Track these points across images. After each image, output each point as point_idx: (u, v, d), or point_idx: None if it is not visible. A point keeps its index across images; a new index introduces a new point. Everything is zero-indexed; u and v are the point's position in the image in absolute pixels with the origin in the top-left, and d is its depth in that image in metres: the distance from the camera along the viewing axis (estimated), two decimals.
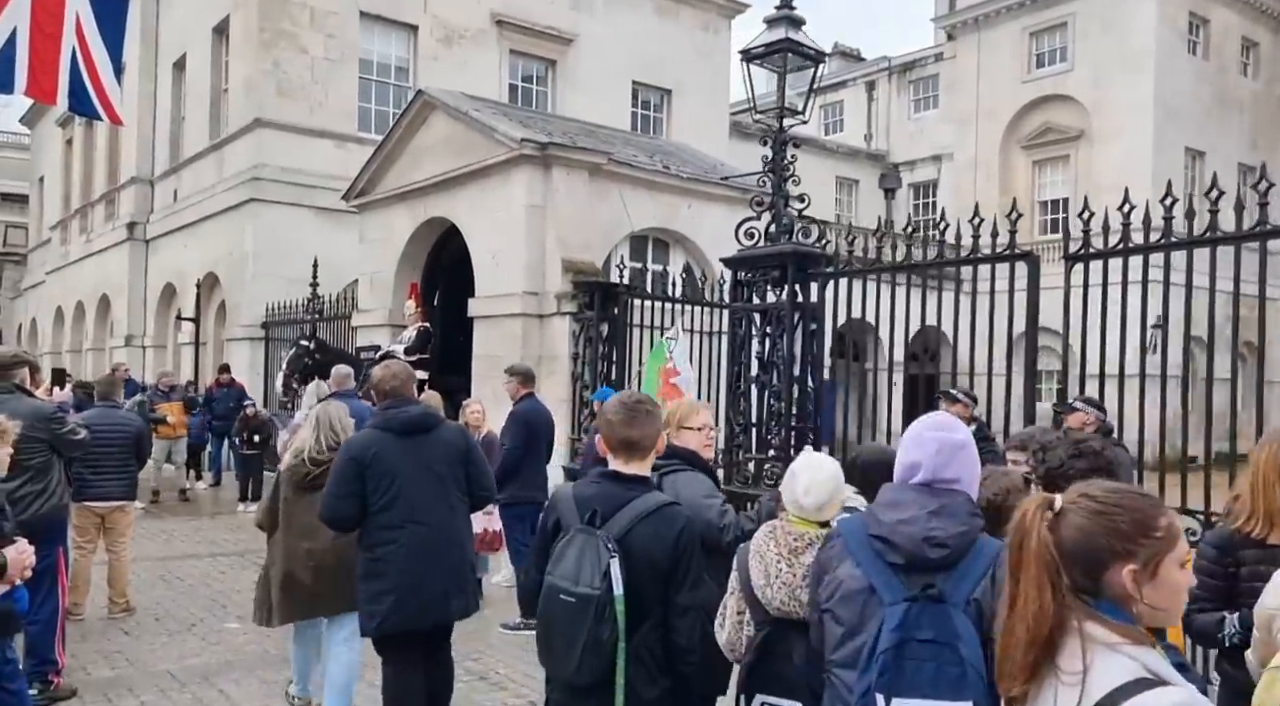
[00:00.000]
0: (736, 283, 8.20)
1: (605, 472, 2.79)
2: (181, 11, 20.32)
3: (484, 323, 11.06)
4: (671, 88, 21.57)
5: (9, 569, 3.09)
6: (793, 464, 2.94)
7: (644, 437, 2.77)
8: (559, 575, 2.62)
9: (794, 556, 2.76)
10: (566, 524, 2.71)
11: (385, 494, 4.05)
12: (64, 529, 5.41)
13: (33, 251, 33.89)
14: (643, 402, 2.84)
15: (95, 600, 6.97)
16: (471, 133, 11.14)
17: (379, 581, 4.05)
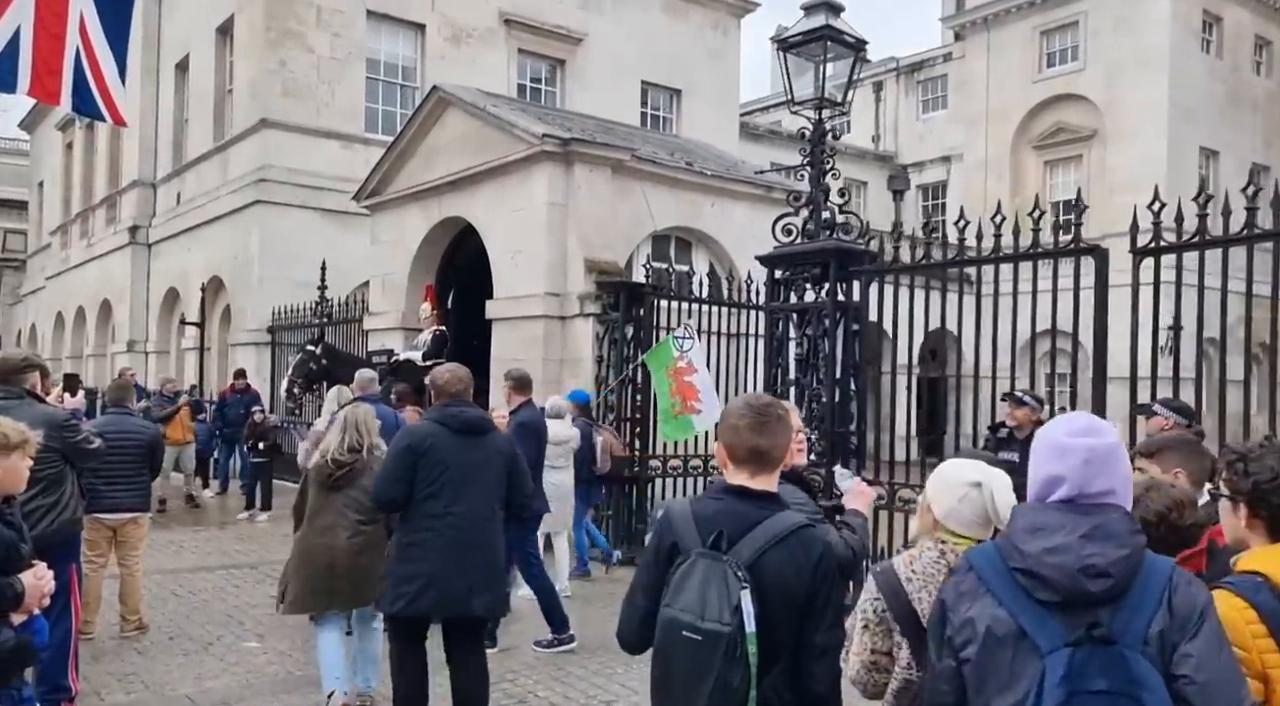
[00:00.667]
0: (773, 281, 7.87)
1: (730, 487, 2.36)
2: (184, 12, 20.00)
3: (503, 325, 10.71)
4: (681, 88, 21.28)
5: (26, 596, 2.74)
6: (959, 472, 2.53)
7: (775, 447, 2.37)
8: (681, 607, 2.20)
9: None
10: (686, 547, 2.29)
11: (433, 483, 4.25)
12: (77, 544, 5.06)
13: (32, 256, 33.54)
14: (773, 406, 2.43)
15: (106, 617, 6.61)
16: (489, 129, 10.81)
17: (411, 565, 4.23)
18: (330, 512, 4.89)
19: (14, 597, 2.70)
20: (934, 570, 2.42)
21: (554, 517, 8.14)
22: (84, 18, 7.68)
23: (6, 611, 2.69)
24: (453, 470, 4.28)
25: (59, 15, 7.54)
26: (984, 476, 2.51)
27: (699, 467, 10.02)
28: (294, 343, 14.52)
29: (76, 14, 7.63)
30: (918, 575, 2.43)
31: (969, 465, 2.61)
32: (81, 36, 7.67)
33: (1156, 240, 5.72)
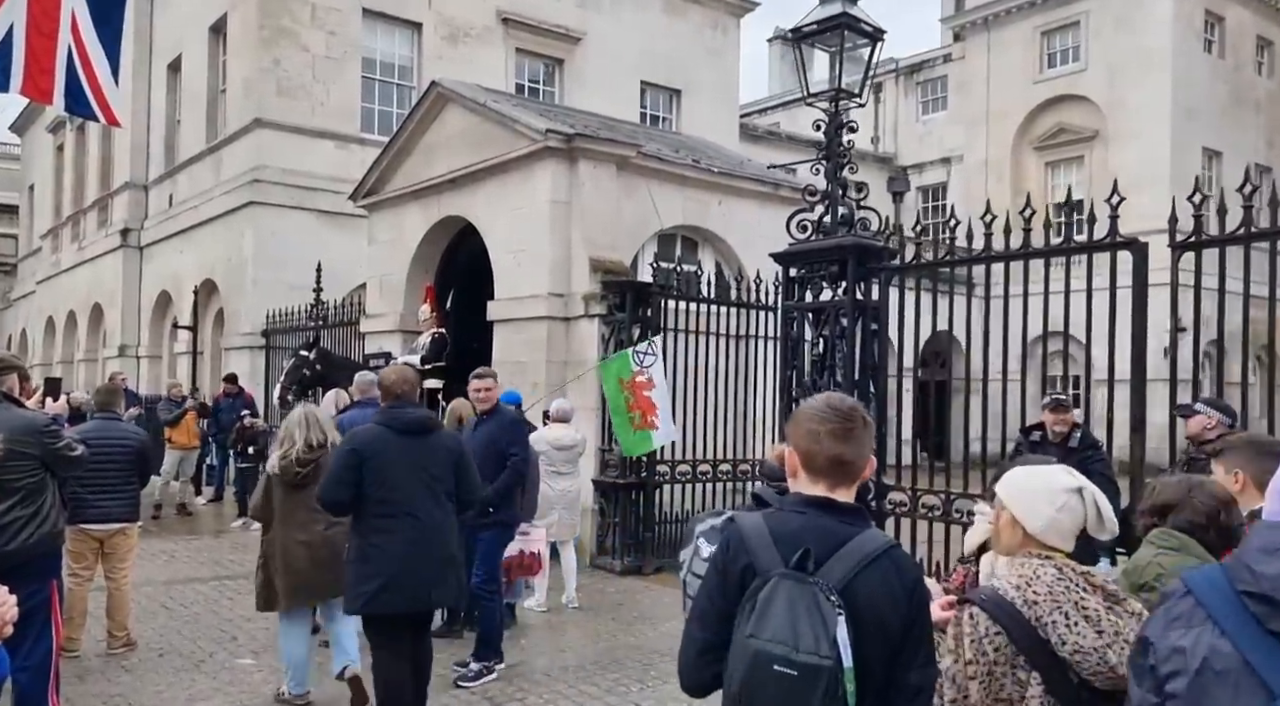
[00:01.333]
0: (788, 279, 7.59)
1: (813, 500, 2.05)
2: (176, 11, 19.69)
3: (505, 327, 10.41)
4: (681, 88, 21.02)
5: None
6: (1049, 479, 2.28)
7: (860, 458, 2.07)
8: (769, 638, 1.87)
9: (1118, 605, 2.16)
10: (764, 567, 1.97)
11: (384, 485, 4.37)
12: (58, 559, 4.73)
13: (22, 261, 33.14)
14: (858, 410, 2.12)
15: (92, 632, 6.29)
16: (490, 125, 10.51)
17: (370, 566, 4.36)
18: (302, 510, 5.05)
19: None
20: (1061, 588, 2.14)
21: (561, 526, 7.86)
22: (75, 16, 7.45)
23: None
24: (402, 471, 4.41)
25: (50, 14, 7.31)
26: (1079, 481, 2.27)
27: (708, 473, 9.74)
28: (288, 346, 14.19)
29: (68, 12, 7.40)
30: (1044, 597, 2.12)
31: (1055, 471, 2.35)
32: (74, 35, 7.44)
33: (1198, 234, 5.45)
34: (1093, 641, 2.09)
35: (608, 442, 9.45)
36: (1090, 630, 2.10)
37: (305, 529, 5.06)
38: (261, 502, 5.27)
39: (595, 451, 9.41)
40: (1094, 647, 2.09)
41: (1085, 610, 2.12)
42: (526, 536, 6.87)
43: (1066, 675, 2.11)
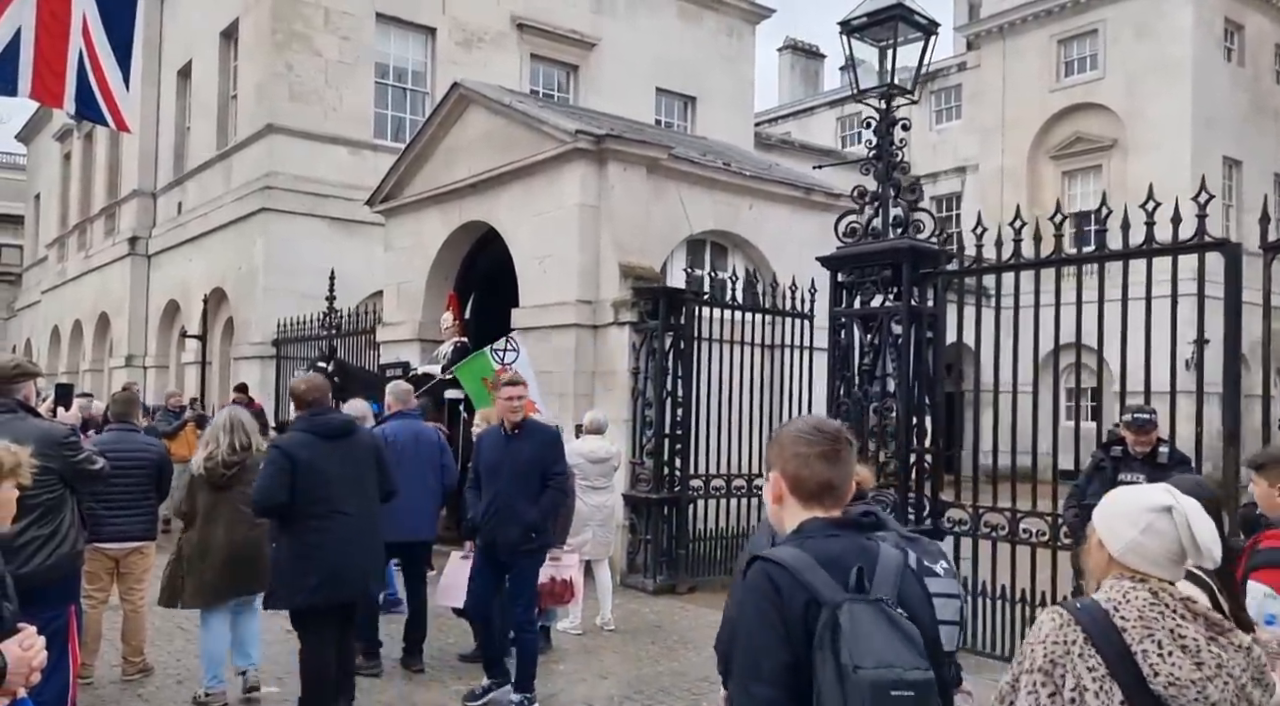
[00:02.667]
0: (836, 285, 7.23)
1: (842, 521, 2.02)
2: (187, 16, 19.44)
3: (530, 335, 10.03)
4: (695, 95, 20.78)
5: (9, 674, 2.06)
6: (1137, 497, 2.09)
7: (847, 479, 2.06)
8: (876, 665, 1.76)
9: (1223, 635, 1.97)
10: (828, 598, 1.84)
11: (315, 488, 4.68)
12: (77, 582, 4.37)
13: (28, 270, 32.87)
14: (843, 431, 2.10)
15: (106, 657, 5.91)
16: (515, 127, 10.19)
17: (307, 562, 4.66)
18: (225, 510, 5.28)
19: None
20: (1154, 614, 1.96)
21: (595, 544, 7.48)
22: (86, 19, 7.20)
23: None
24: (329, 474, 4.73)
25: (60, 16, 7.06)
26: (1173, 500, 2.03)
27: (743, 488, 9.36)
28: (301, 356, 13.86)
29: (79, 15, 7.15)
30: (1134, 622, 1.96)
31: (1148, 490, 2.12)
32: (84, 38, 7.19)
33: None
34: (1189, 673, 1.92)
35: (640, 456, 9.09)
36: (1188, 661, 1.92)
37: (229, 529, 5.26)
38: (186, 502, 5.43)
39: (626, 465, 9.03)
40: (1191, 680, 1.91)
41: (1182, 639, 1.94)
42: (557, 562, 6.48)
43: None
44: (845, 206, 8.85)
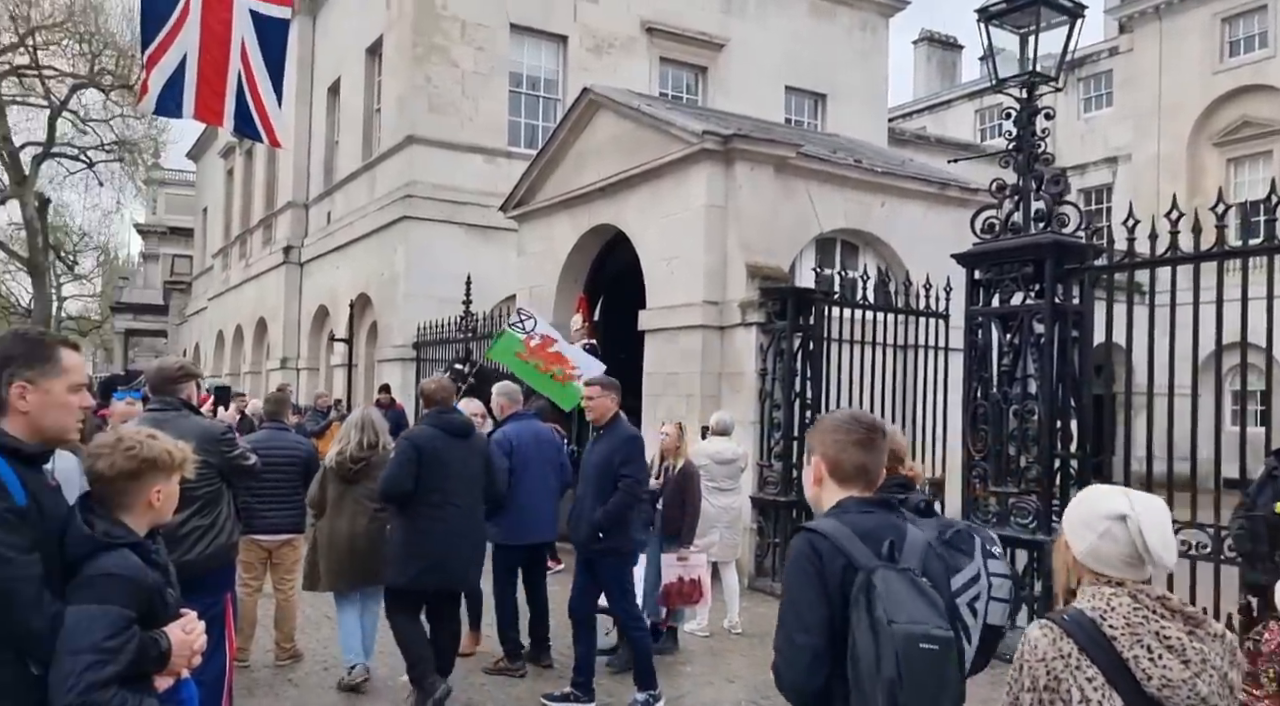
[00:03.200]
0: (973, 283, 6.95)
1: (875, 500, 2.31)
2: (336, 36, 20.50)
3: (657, 336, 10.10)
4: (826, 92, 20.43)
5: (173, 656, 2.20)
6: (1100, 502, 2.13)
7: (879, 465, 2.36)
8: (908, 621, 2.03)
9: (1199, 627, 2.04)
10: (863, 563, 2.13)
11: (434, 479, 5.08)
12: (232, 570, 4.65)
13: (196, 279, 35.36)
14: (879, 423, 2.41)
15: (261, 642, 6.28)
16: (643, 130, 10.26)
17: (416, 547, 5.07)
18: (349, 502, 5.63)
19: (159, 656, 2.16)
20: (1139, 618, 2.02)
21: (723, 546, 7.44)
22: (245, 43, 7.68)
23: (149, 673, 2.15)
24: (449, 468, 5.14)
25: (222, 41, 7.55)
26: (1129, 508, 2.08)
27: None
28: (439, 358, 14.35)
29: (238, 40, 7.64)
30: (1121, 630, 2.01)
31: (1105, 494, 2.16)
32: (243, 62, 7.67)
33: None
34: (1179, 673, 1.98)
35: (767, 458, 8.99)
36: (1176, 661, 1.98)
37: (352, 520, 5.59)
38: (317, 493, 5.79)
39: (754, 467, 8.95)
40: (1182, 680, 1.98)
41: (1168, 640, 2.00)
42: (685, 562, 6.47)
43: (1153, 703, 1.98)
44: (983, 201, 8.51)
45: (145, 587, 2.15)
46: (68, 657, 1.97)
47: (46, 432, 2.17)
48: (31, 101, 31.75)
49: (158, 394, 4.43)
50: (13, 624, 1.97)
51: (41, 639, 1.98)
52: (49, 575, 2.03)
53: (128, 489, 2.23)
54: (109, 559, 2.11)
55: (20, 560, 1.97)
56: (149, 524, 2.29)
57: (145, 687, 2.12)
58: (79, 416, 2.26)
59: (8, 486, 2.00)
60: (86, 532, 2.12)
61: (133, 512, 2.24)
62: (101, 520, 2.17)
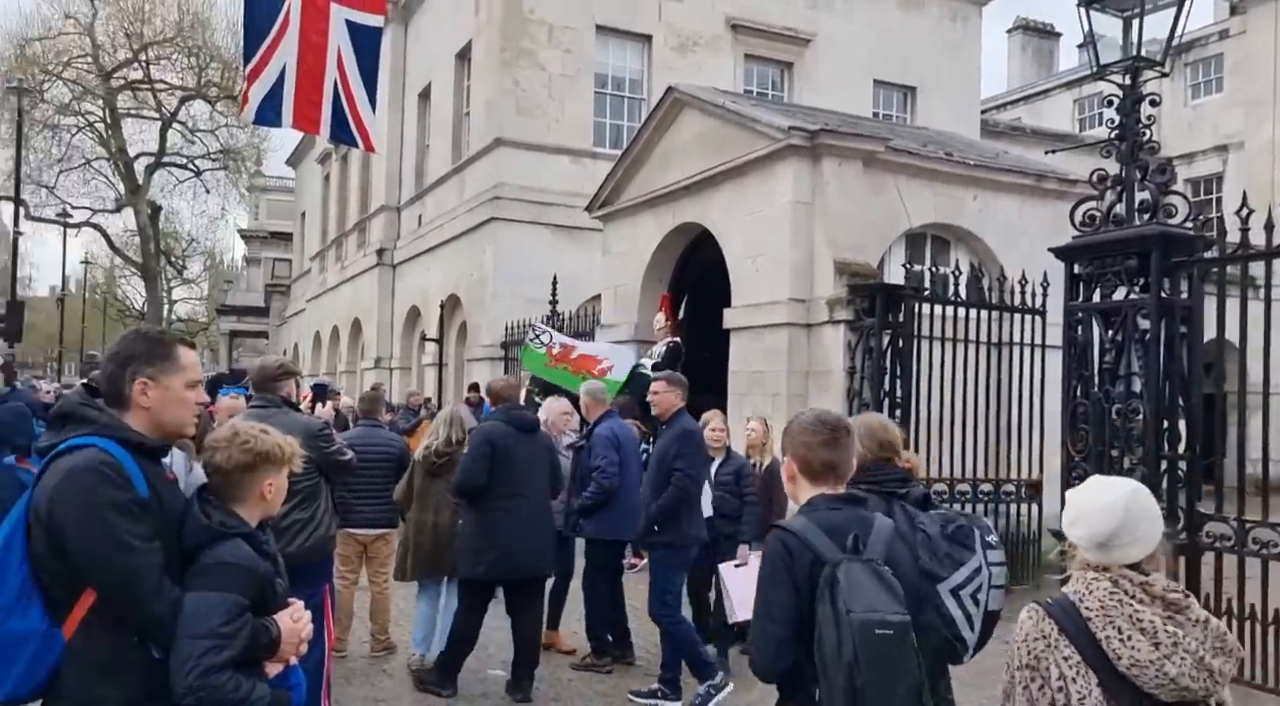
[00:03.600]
0: (1073, 277, 6.69)
1: (843, 497, 2.52)
2: (426, 43, 20.97)
3: (742, 335, 10.04)
4: (916, 85, 20.00)
5: (282, 643, 2.28)
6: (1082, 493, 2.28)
7: (846, 462, 2.54)
8: (864, 609, 2.24)
9: (1180, 613, 2.15)
10: (829, 557, 2.34)
11: (505, 472, 5.32)
12: (330, 562, 4.81)
13: (295, 281, 36.66)
14: (843, 422, 2.59)
15: (357, 633, 6.47)
16: (728, 127, 10.21)
17: (489, 539, 5.29)
18: (434, 495, 5.87)
19: (269, 643, 2.24)
20: (1114, 602, 2.14)
21: None
22: (340, 52, 7.94)
23: (260, 659, 2.23)
24: (519, 462, 5.37)
25: (319, 52, 7.82)
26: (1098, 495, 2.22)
27: (967, 493, 8.86)
28: None
29: (334, 50, 7.90)
30: (1096, 612, 2.14)
31: (1093, 480, 2.33)
32: (339, 71, 7.93)
33: None
34: (1148, 654, 2.09)
35: None
36: (1146, 642, 2.10)
37: (436, 512, 5.84)
38: (404, 488, 6.03)
39: None
40: (1150, 660, 2.09)
41: (1140, 623, 2.11)
42: (745, 564, 6.35)
43: (1132, 689, 2.10)
44: (1082, 193, 8.19)
45: (257, 576, 2.23)
46: (186, 641, 2.07)
47: (166, 427, 2.27)
48: (144, 114, 33.46)
49: (260, 391, 4.61)
50: (136, 609, 2.07)
51: (162, 623, 2.08)
52: (168, 563, 2.13)
53: (242, 481, 2.31)
54: (224, 548, 2.20)
55: (143, 548, 2.06)
56: (260, 515, 2.37)
57: (256, 672, 2.20)
58: (195, 412, 2.36)
59: (131, 479, 2.10)
60: (204, 522, 2.22)
61: (246, 504, 2.32)
62: (217, 511, 2.26)
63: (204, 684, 2.05)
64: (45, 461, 2.14)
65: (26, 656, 2.01)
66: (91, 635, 2.06)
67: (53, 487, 2.06)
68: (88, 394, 2.25)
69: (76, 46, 31.22)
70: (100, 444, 2.11)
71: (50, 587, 2.06)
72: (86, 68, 31.29)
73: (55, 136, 31.97)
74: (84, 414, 2.18)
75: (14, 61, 30.35)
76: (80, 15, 30.93)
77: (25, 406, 6.09)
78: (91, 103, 31.95)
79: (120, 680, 2.07)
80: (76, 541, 2.02)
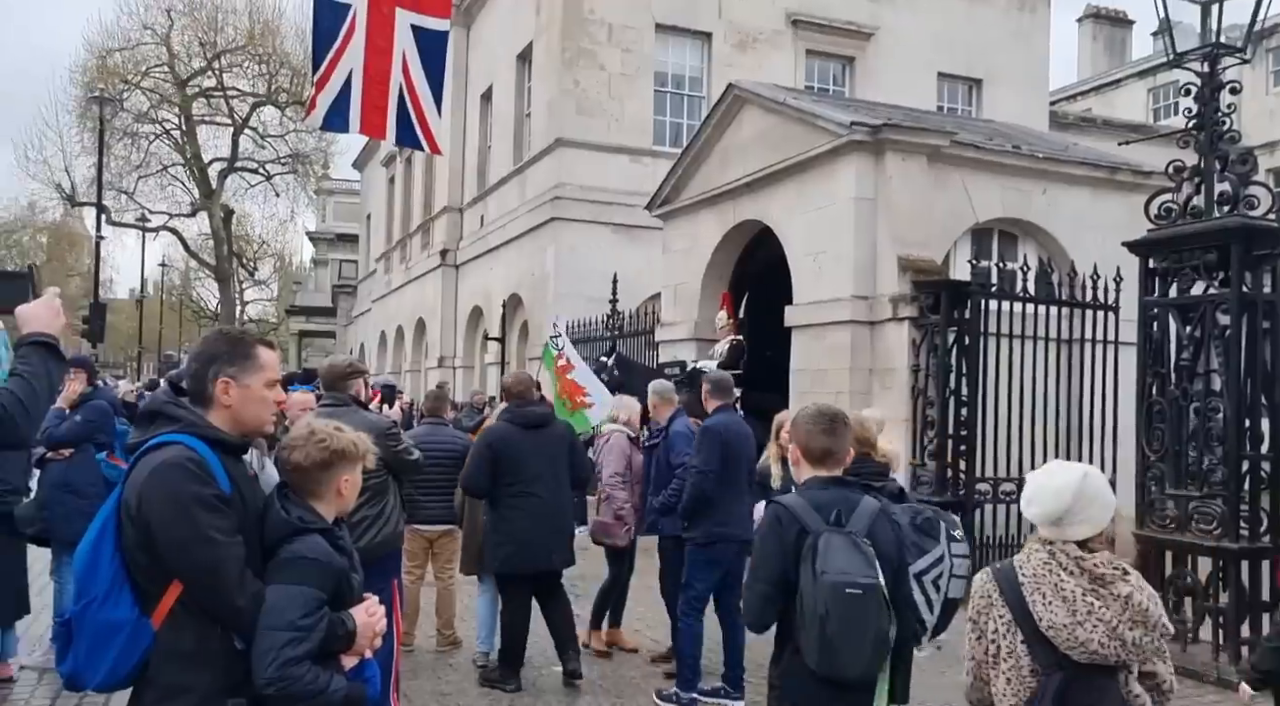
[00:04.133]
0: (1148, 272, 6.52)
1: (832, 479, 2.93)
2: (488, 45, 21.23)
3: (804, 333, 9.97)
4: (981, 77, 19.62)
5: (358, 637, 2.33)
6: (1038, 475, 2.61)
7: (842, 448, 2.95)
8: (837, 572, 2.66)
9: (1103, 587, 2.42)
10: (813, 528, 2.76)
11: (511, 470, 5.46)
12: (399, 558, 4.91)
13: (361, 282, 37.40)
14: (840, 414, 3.01)
15: (423, 628, 6.58)
16: (789, 124, 10.14)
17: (501, 534, 5.50)
18: None
19: (345, 636, 2.30)
20: (1045, 571, 2.45)
21: None
22: (406, 56, 8.06)
23: (337, 652, 2.29)
24: (526, 459, 5.47)
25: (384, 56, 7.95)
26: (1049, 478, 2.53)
27: None
28: (586, 356, 14.60)
29: (400, 55, 8.02)
30: (1029, 579, 2.47)
31: (1058, 468, 2.59)
32: (404, 75, 8.05)
33: None
34: (1063, 618, 2.39)
35: (921, 457, 8.71)
36: (1063, 609, 2.39)
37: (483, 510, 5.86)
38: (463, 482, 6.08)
39: (906, 466, 8.68)
40: (1064, 624, 2.39)
41: (1062, 591, 2.40)
42: None
43: (1050, 648, 2.42)
44: (1157, 185, 7.97)
45: (334, 571, 2.29)
46: (267, 633, 2.13)
47: (246, 425, 2.34)
48: (218, 120, 34.48)
49: (330, 390, 4.72)
50: (219, 601, 2.14)
51: (244, 615, 2.15)
52: (250, 557, 2.20)
53: (320, 478, 2.37)
54: (302, 543, 2.25)
55: (226, 542, 2.14)
56: (336, 511, 2.43)
57: (333, 666, 2.25)
58: (274, 410, 2.42)
59: (215, 475, 2.18)
60: (284, 517, 2.28)
61: (323, 500, 2.38)
62: (296, 507, 2.32)
63: (284, 675, 2.11)
64: (134, 458, 2.22)
65: (119, 645, 2.09)
66: (178, 625, 2.14)
67: (141, 483, 2.14)
68: (173, 392, 2.34)
69: (154, 56, 32.32)
70: (185, 441, 2.19)
71: (139, 579, 2.14)
72: (163, 76, 32.38)
73: (134, 144, 33.13)
74: (170, 412, 2.26)
75: (96, 72, 31.54)
76: (157, 26, 32.02)
77: (108, 404, 6.28)
78: (168, 110, 33.05)
79: (205, 669, 2.15)
80: (163, 535, 2.10)
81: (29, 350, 2.37)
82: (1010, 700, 2.46)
